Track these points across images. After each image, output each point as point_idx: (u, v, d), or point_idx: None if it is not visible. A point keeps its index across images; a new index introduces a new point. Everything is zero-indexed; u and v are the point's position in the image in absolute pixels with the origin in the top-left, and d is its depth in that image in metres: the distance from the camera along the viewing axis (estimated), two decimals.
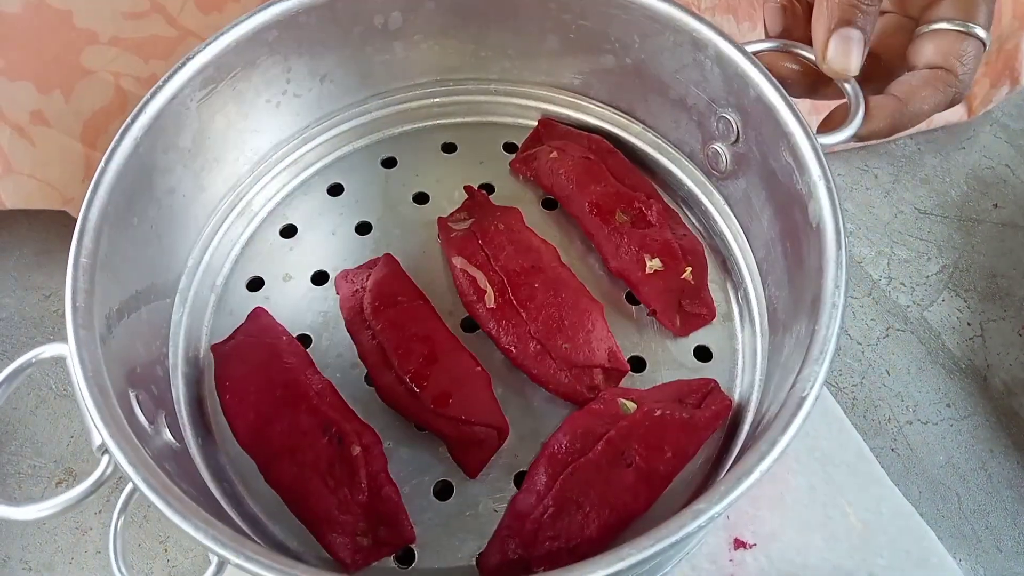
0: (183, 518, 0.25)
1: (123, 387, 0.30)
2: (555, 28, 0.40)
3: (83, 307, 0.29)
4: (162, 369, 0.35)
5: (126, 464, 0.25)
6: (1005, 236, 0.54)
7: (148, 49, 0.42)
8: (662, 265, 0.39)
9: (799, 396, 0.27)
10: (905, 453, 0.45)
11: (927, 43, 0.34)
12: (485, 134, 0.46)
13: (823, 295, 0.29)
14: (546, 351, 0.37)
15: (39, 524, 0.41)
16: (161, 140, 0.34)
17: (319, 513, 0.33)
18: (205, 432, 0.36)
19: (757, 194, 0.37)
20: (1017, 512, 0.44)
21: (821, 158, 0.31)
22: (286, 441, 0.34)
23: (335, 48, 0.40)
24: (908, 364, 0.48)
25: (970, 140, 0.58)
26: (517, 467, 0.36)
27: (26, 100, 0.41)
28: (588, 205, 0.41)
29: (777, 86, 0.33)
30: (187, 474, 0.32)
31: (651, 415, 0.35)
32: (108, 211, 0.31)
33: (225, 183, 0.40)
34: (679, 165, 0.43)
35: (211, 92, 0.36)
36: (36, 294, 0.49)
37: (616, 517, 0.33)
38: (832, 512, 0.40)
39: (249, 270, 0.41)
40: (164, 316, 0.37)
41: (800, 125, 0.32)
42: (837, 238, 0.30)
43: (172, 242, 0.37)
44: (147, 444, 0.28)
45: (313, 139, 0.43)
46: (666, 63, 0.38)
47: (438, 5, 0.40)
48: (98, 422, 0.26)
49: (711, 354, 0.39)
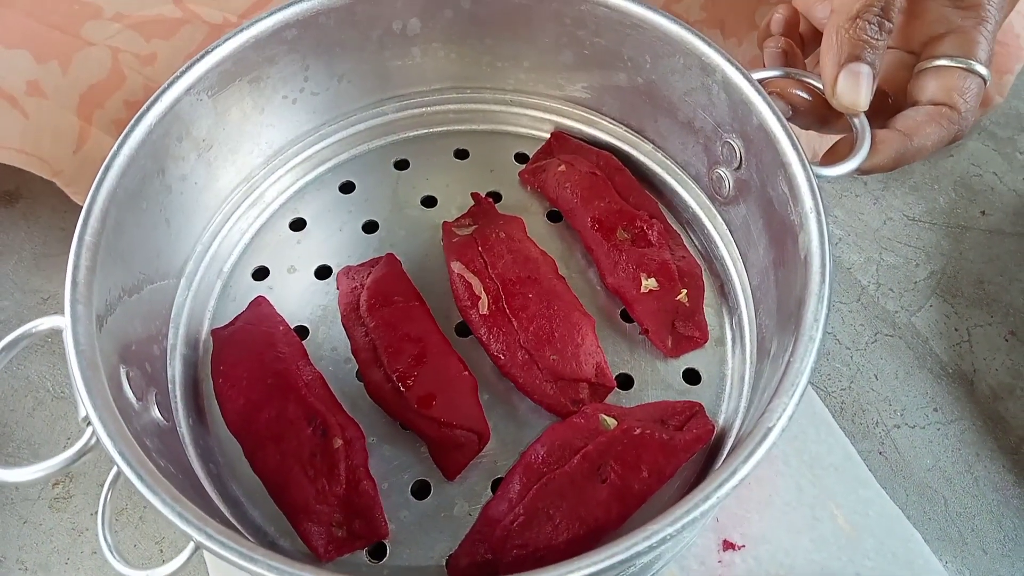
0: (153, 492, 0.26)
1: (115, 363, 0.31)
2: (570, 43, 0.41)
3: (83, 283, 0.30)
4: (159, 348, 0.37)
5: (104, 436, 0.27)
6: (992, 243, 0.54)
7: (151, 28, 0.42)
8: (657, 285, 0.39)
9: (766, 426, 0.27)
10: (892, 456, 0.46)
11: (930, 79, 0.34)
12: (498, 143, 0.47)
13: (802, 327, 0.29)
14: (534, 361, 0.37)
15: (36, 525, 0.42)
16: (175, 129, 0.35)
17: (297, 501, 0.34)
18: (197, 413, 0.37)
19: (755, 221, 0.37)
20: (1003, 515, 0.44)
21: (815, 190, 0.31)
22: (272, 429, 0.35)
23: (353, 50, 0.41)
24: (896, 369, 0.49)
25: (958, 148, 0.58)
26: (496, 473, 0.36)
27: (23, 68, 0.41)
28: (591, 220, 0.41)
29: (778, 114, 0.33)
30: (171, 452, 0.33)
31: (630, 433, 0.35)
32: (117, 193, 0.32)
33: (238, 174, 0.41)
34: (685, 187, 0.43)
35: (228, 86, 0.37)
36: (35, 297, 0.50)
37: (586, 531, 0.33)
38: (820, 514, 0.40)
39: (256, 259, 0.42)
40: (167, 298, 0.38)
41: (798, 155, 0.32)
42: (822, 271, 0.30)
43: (181, 227, 0.38)
44: (132, 420, 0.29)
45: (328, 136, 0.44)
46: (676, 84, 0.39)
47: (456, 14, 0.40)
48: (83, 394, 0.27)
49: (700, 377, 0.39)
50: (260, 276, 0.42)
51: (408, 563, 0.34)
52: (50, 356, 0.48)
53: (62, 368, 0.47)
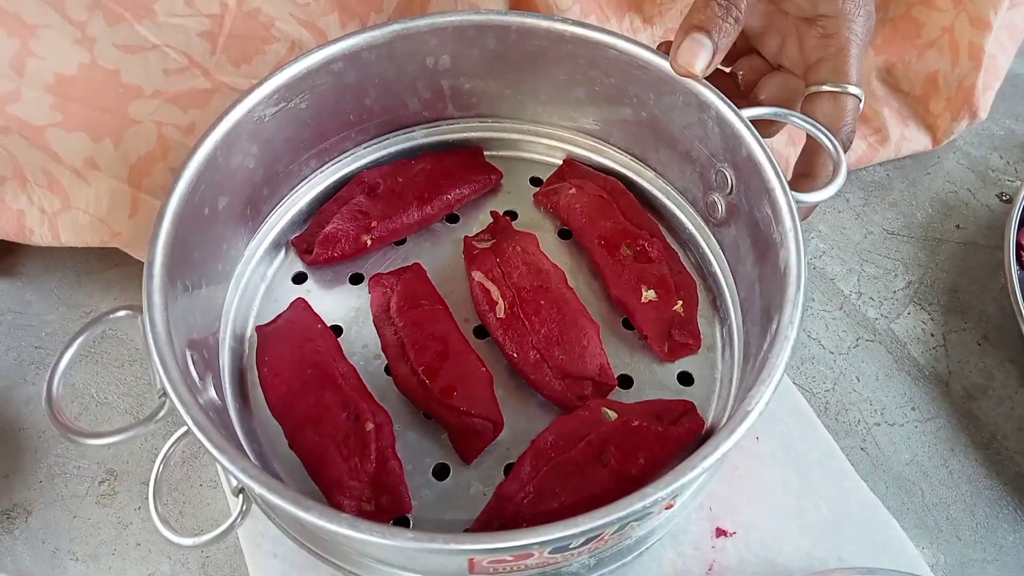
0: (219, 450, 0.30)
1: (182, 347, 0.35)
2: (583, 81, 0.46)
3: (158, 276, 0.35)
4: (213, 339, 0.41)
5: (178, 402, 0.31)
6: (966, 254, 0.58)
7: (186, 100, 0.46)
8: (656, 296, 0.44)
9: (744, 411, 0.31)
10: (873, 452, 0.49)
11: (815, 104, 0.40)
12: (515, 167, 0.52)
13: (780, 328, 0.33)
14: (544, 360, 0.42)
15: (84, 519, 0.45)
16: (236, 145, 0.40)
17: (332, 477, 0.38)
18: (243, 399, 0.42)
19: (744, 240, 0.41)
20: (975, 505, 0.47)
21: (793, 212, 0.36)
22: (311, 413, 0.40)
23: (391, 81, 0.46)
24: (876, 371, 0.52)
25: (935, 167, 0.63)
26: (508, 459, 0.41)
27: (81, 148, 0.45)
28: (597, 238, 0.46)
29: (764, 146, 0.38)
30: (226, 428, 0.38)
31: (629, 424, 0.39)
32: (185, 200, 0.37)
33: (288, 185, 0.46)
34: (683, 210, 0.48)
35: (282, 108, 0.42)
36: (78, 311, 0.54)
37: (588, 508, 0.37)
38: (806, 504, 0.44)
39: (297, 266, 0.47)
40: (220, 296, 0.43)
41: (780, 183, 0.37)
42: (798, 282, 0.34)
43: (235, 232, 0.43)
44: (198, 394, 0.34)
45: (365, 157, 0.49)
46: (675, 119, 0.44)
47: (482, 52, 0.45)
48: (159, 369, 0.32)
49: (693, 380, 0.43)
50: (299, 280, 0.47)
51: None
52: (93, 365, 0.51)
53: (105, 376, 0.50)
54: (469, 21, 0.44)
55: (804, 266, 0.35)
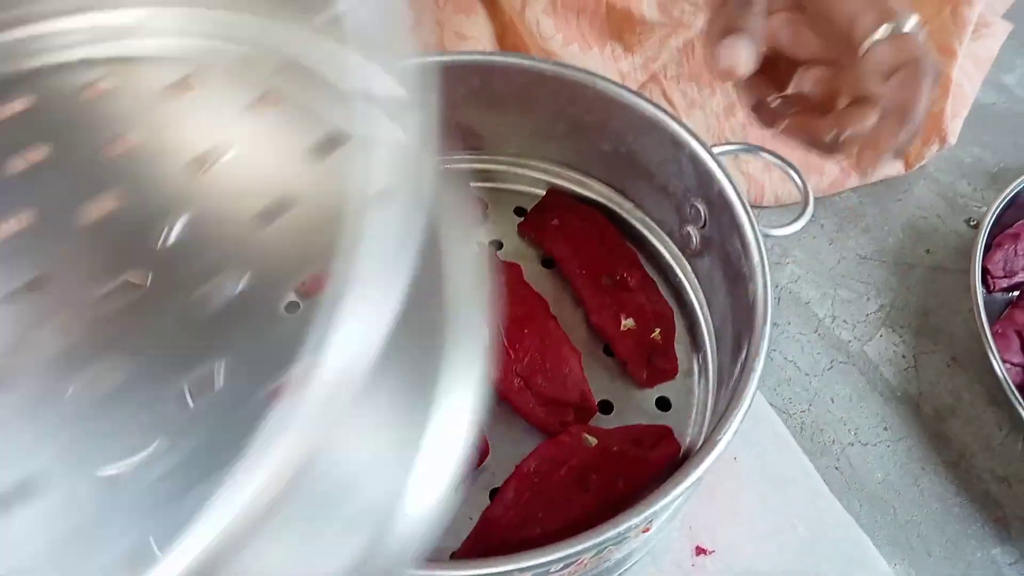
0: None
1: None
2: (564, 118, 0.48)
3: None
4: None
5: None
6: (936, 278, 0.59)
7: None
8: (635, 325, 0.46)
9: (715, 439, 0.33)
10: (847, 471, 0.50)
11: (878, 51, 0.35)
12: (501, 198, 0.53)
13: (748, 358, 0.35)
14: (527, 387, 0.43)
15: None
16: None
17: None
18: None
19: (717, 272, 0.43)
20: (945, 522, 0.49)
21: (761, 248, 0.38)
22: None
23: None
24: (850, 392, 0.54)
25: (906, 193, 0.64)
26: (493, 484, 0.42)
27: None
28: (579, 267, 0.48)
29: (735, 184, 0.40)
30: None
31: (609, 450, 0.41)
32: None
33: None
34: (661, 241, 0.50)
35: None
36: None
37: (571, 532, 0.39)
38: (782, 523, 0.45)
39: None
40: None
41: (748, 219, 0.39)
42: (764, 313, 0.36)
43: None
44: None
45: None
46: (652, 155, 0.46)
47: (468, 90, 0.47)
48: None
49: (671, 405, 0.45)
50: None
51: None
52: None
53: None
54: (455, 62, 0.46)
55: (770, 299, 0.36)
